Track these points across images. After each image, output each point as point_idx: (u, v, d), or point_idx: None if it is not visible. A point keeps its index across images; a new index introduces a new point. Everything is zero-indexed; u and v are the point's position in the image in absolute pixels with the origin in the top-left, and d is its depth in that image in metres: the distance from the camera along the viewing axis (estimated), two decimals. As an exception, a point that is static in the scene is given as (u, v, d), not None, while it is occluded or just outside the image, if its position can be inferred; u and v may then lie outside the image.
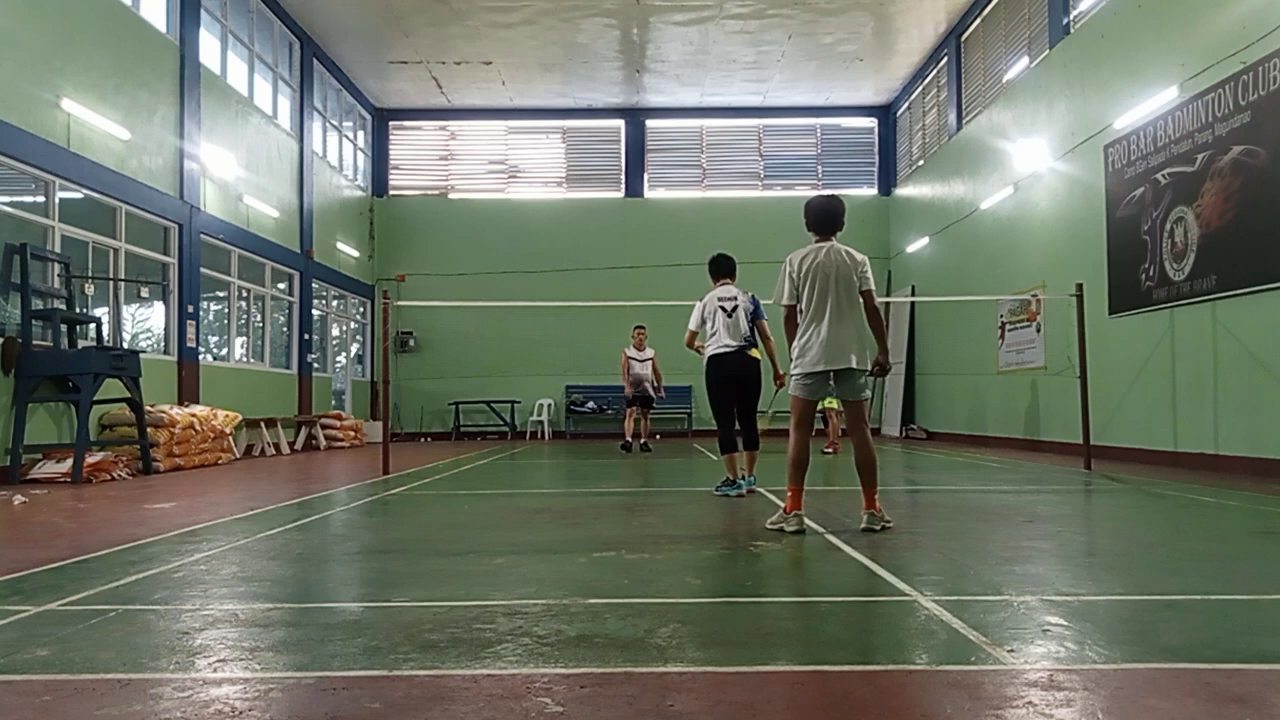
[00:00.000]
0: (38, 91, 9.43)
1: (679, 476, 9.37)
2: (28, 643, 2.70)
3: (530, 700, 2.14)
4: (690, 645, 2.62)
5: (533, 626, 2.83)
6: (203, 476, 9.56)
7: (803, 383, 5.06)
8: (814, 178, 20.65)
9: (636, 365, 13.64)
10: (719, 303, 7.05)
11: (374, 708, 2.10)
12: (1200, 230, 9.24)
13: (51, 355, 9.08)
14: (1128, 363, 10.50)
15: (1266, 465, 8.22)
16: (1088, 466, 9.11)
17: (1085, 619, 2.90)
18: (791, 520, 4.84)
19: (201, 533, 5.08)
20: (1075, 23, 12.31)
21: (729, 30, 16.20)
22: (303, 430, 15.66)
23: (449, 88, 19.04)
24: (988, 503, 6.40)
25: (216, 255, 13.39)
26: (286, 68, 16.14)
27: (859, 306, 5.02)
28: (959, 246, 16.21)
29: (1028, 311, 13.31)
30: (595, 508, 6.35)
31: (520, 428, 19.85)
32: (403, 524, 5.80)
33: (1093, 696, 2.15)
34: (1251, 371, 8.48)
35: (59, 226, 9.82)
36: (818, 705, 2.13)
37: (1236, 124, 8.69)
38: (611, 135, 20.75)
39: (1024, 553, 4.20)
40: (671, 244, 19.31)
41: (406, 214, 20.48)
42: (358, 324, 20.14)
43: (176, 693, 2.24)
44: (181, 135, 12.15)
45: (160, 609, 3.17)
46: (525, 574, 3.79)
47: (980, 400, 15.18)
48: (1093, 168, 11.42)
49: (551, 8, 15.27)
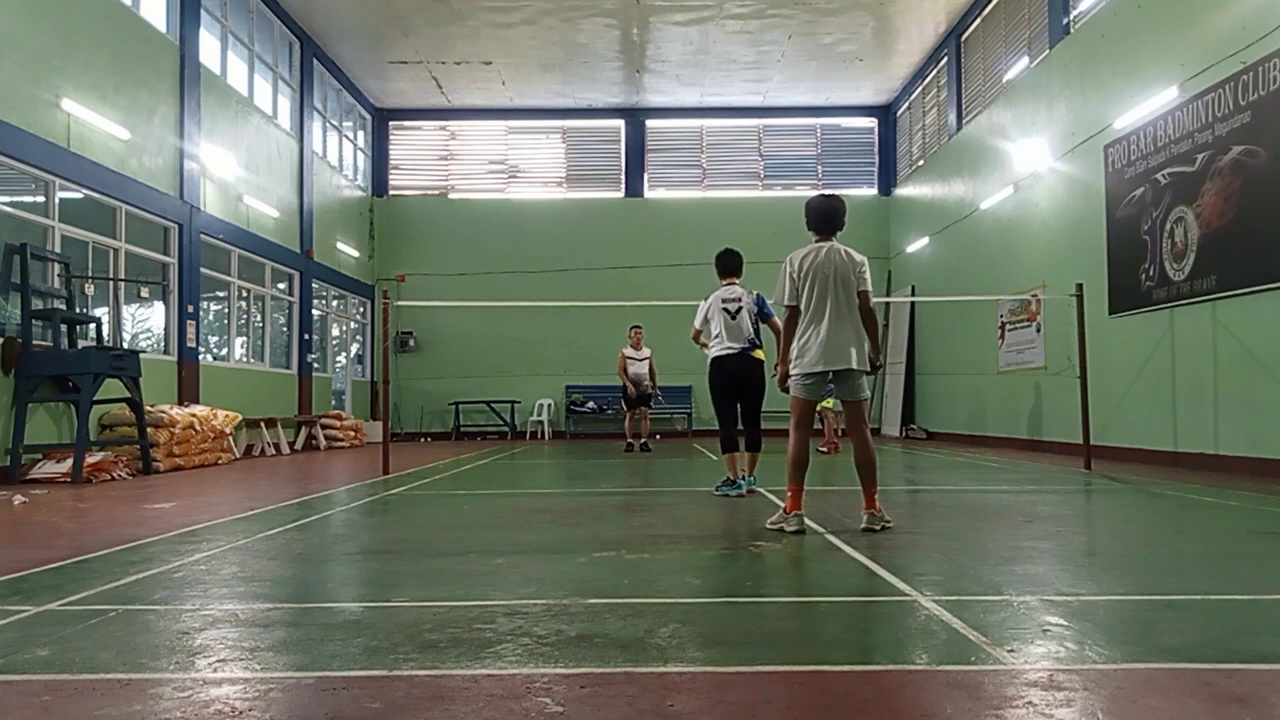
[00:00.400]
0: (38, 91, 9.43)
1: (679, 476, 9.37)
2: (28, 643, 2.70)
3: (530, 700, 2.14)
4: (690, 645, 2.62)
5: (533, 626, 2.83)
6: (203, 476, 9.56)
7: (802, 383, 5.06)
8: (814, 178, 20.65)
9: (634, 365, 13.67)
10: (722, 304, 7.05)
11: (374, 708, 2.10)
12: (1200, 230, 9.24)
13: (51, 355, 9.08)
14: (1128, 363, 10.50)
15: (1266, 465, 8.22)
16: (1088, 466, 9.11)
17: (1085, 619, 2.90)
18: (791, 520, 4.84)
19: (201, 533, 5.08)
20: (1075, 23, 12.31)
21: (729, 30, 16.20)
22: (303, 430, 15.66)
23: (449, 88, 19.04)
24: (988, 503, 6.40)
25: (216, 255, 13.39)
26: (286, 68, 16.14)
27: (857, 307, 5.02)
28: (959, 246, 16.21)
29: (1028, 311, 13.31)
30: (595, 508, 6.35)
31: (520, 428, 19.85)
32: (403, 524, 5.80)
33: (1093, 696, 2.15)
34: (1251, 371, 8.47)
35: (59, 226, 9.82)
36: (818, 705, 2.13)
37: (1236, 124, 8.69)
38: (611, 135, 20.75)
39: (1024, 553, 4.20)
40: (671, 244, 19.33)
41: (406, 214, 20.48)
42: (358, 324, 20.14)
43: (176, 693, 2.24)
44: (181, 135, 12.15)
45: (160, 609, 3.17)
46: (525, 574, 3.79)
47: (980, 400, 15.18)
48: (1093, 168, 11.42)
49: (551, 8, 15.27)
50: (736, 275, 7.24)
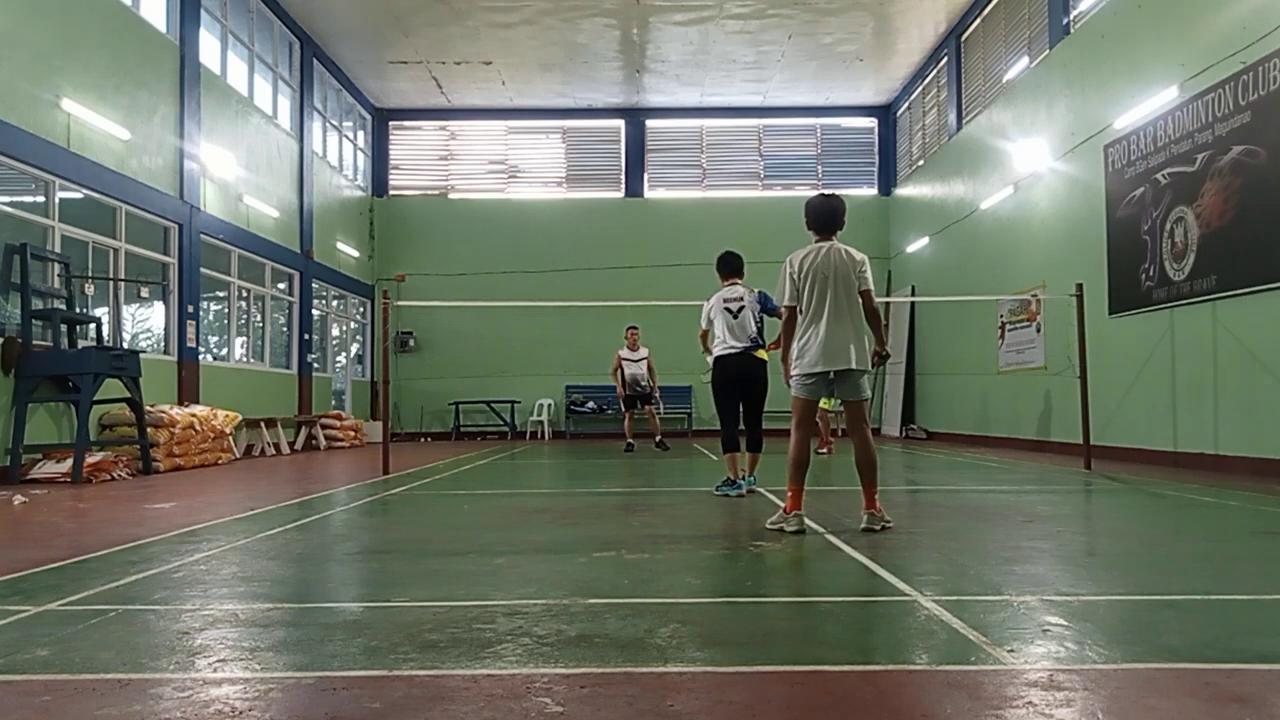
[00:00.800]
0: (38, 91, 9.43)
1: (679, 476, 9.37)
2: (28, 643, 2.70)
3: (530, 700, 2.14)
4: (690, 645, 2.62)
5: (533, 626, 2.83)
6: (203, 476, 9.56)
7: (803, 383, 5.06)
8: (814, 178, 20.65)
9: (630, 366, 13.68)
10: (724, 304, 7.10)
11: (374, 708, 2.10)
12: (1200, 230, 9.24)
13: (51, 355, 9.08)
14: (1128, 363, 10.50)
15: (1266, 465, 8.22)
16: (1088, 466, 9.11)
17: (1085, 619, 2.90)
18: (792, 520, 4.84)
19: (201, 533, 5.08)
20: (1075, 23, 12.31)
21: (729, 30, 16.20)
22: (303, 430, 15.66)
23: (449, 88, 19.04)
24: (987, 503, 6.40)
25: (216, 255, 13.39)
26: (286, 68, 16.14)
27: (858, 306, 5.02)
28: (959, 246, 16.21)
29: (1028, 311, 13.31)
30: (595, 508, 6.35)
31: (520, 428, 19.84)
32: (403, 524, 5.80)
33: (1093, 696, 2.15)
34: (1251, 371, 8.47)
35: (59, 226, 9.82)
36: (818, 705, 2.13)
37: (1236, 124, 8.69)
38: (611, 135, 20.75)
39: (1024, 553, 4.20)
40: (671, 244, 19.33)
41: (406, 214, 20.48)
42: (358, 324, 20.14)
43: (176, 693, 2.24)
44: (181, 135, 12.15)
45: (160, 609, 3.17)
46: (525, 574, 3.79)
47: (980, 400, 15.18)
48: (1093, 168, 11.42)
49: (551, 8, 15.27)
50: (738, 276, 7.27)
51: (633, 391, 13.69)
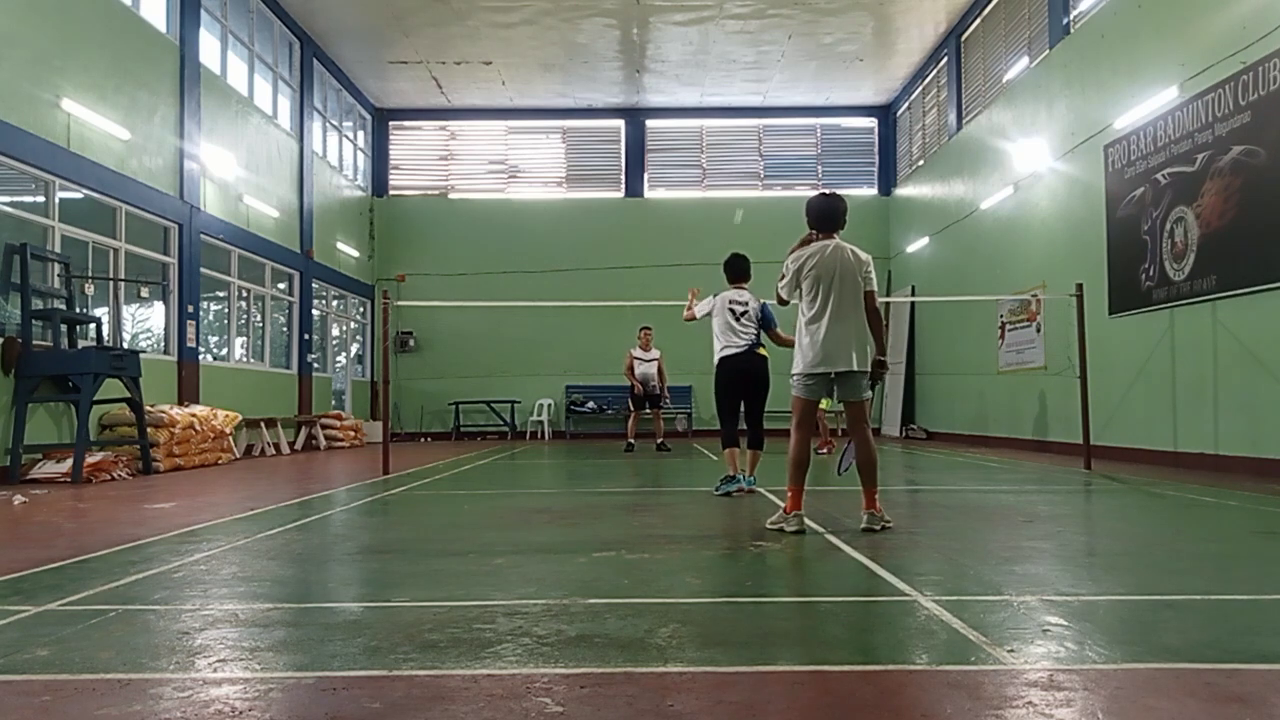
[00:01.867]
0: (38, 91, 9.42)
1: (679, 476, 9.37)
2: (28, 643, 2.70)
3: (530, 700, 2.14)
4: (690, 645, 2.62)
5: (533, 626, 2.83)
6: (203, 476, 9.56)
7: (804, 383, 5.05)
8: (814, 178, 20.64)
9: (641, 365, 13.73)
10: (730, 304, 7.12)
11: (374, 708, 2.10)
12: (1200, 230, 9.24)
13: (51, 355, 9.08)
14: (1128, 363, 10.50)
15: (1266, 465, 8.22)
16: (1088, 466, 9.11)
17: (1085, 619, 2.90)
18: (792, 520, 4.84)
19: (201, 533, 5.08)
20: (1075, 23, 12.31)
21: (729, 30, 16.20)
22: (303, 430, 15.66)
23: (449, 88, 19.04)
24: (987, 503, 6.40)
25: (216, 255, 13.39)
26: (286, 68, 16.13)
27: (861, 307, 5.00)
28: (959, 246, 16.21)
29: (1028, 311, 13.31)
30: (595, 508, 6.35)
31: (520, 428, 19.85)
32: (403, 524, 5.80)
33: (1093, 696, 2.15)
34: (1251, 371, 8.47)
35: (59, 226, 9.82)
36: (818, 705, 2.13)
37: (1236, 124, 8.69)
38: (611, 135, 20.75)
39: (1024, 553, 4.20)
40: (671, 244, 19.32)
41: (406, 214, 20.48)
42: (358, 324, 20.14)
43: (176, 693, 2.24)
44: (181, 135, 12.15)
45: (160, 609, 3.17)
46: (525, 574, 3.79)
47: (980, 400, 15.18)
48: (1093, 168, 11.42)
49: (551, 8, 15.27)
50: (745, 279, 7.31)
51: (642, 391, 13.74)
